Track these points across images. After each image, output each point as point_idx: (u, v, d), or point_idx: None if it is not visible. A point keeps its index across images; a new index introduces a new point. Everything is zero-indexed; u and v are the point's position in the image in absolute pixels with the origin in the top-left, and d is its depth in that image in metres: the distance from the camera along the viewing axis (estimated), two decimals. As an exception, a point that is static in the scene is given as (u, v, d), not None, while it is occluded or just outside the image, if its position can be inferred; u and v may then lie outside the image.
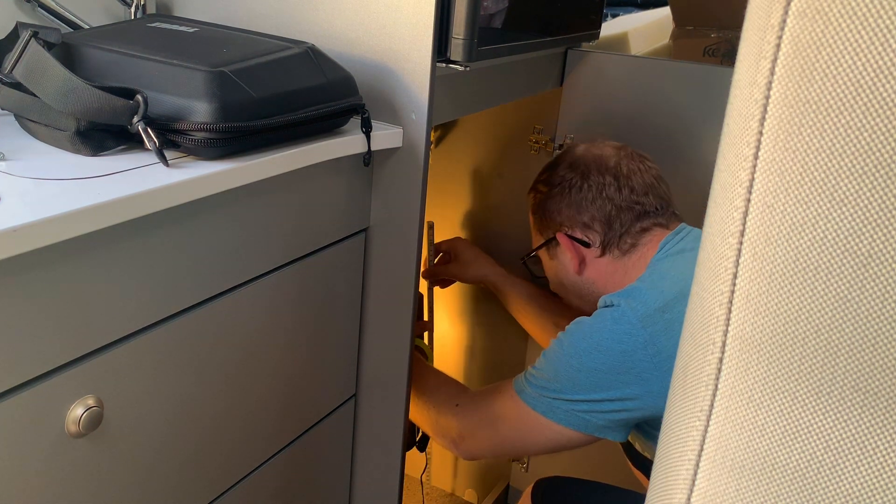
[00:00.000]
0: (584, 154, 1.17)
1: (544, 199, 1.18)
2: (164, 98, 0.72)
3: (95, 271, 0.66)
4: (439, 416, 1.15)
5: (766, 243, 0.38)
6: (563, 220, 1.16)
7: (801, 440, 0.40)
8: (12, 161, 0.69)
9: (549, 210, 1.17)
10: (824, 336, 0.38)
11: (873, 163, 0.35)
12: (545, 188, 1.18)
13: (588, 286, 1.17)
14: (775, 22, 0.36)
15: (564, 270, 1.18)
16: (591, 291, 1.17)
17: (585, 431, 1.00)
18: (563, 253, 1.17)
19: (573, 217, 1.15)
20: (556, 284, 1.23)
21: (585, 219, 1.14)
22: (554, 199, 1.16)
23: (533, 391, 1.03)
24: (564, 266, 1.18)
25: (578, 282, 1.17)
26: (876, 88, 0.34)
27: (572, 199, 1.15)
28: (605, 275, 1.15)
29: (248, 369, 0.87)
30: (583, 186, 1.14)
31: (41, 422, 0.64)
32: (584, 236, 1.14)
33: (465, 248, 1.46)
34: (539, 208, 1.19)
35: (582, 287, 1.18)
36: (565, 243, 1.15)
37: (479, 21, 0.92)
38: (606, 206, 1.13)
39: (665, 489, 0.46)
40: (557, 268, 1.20)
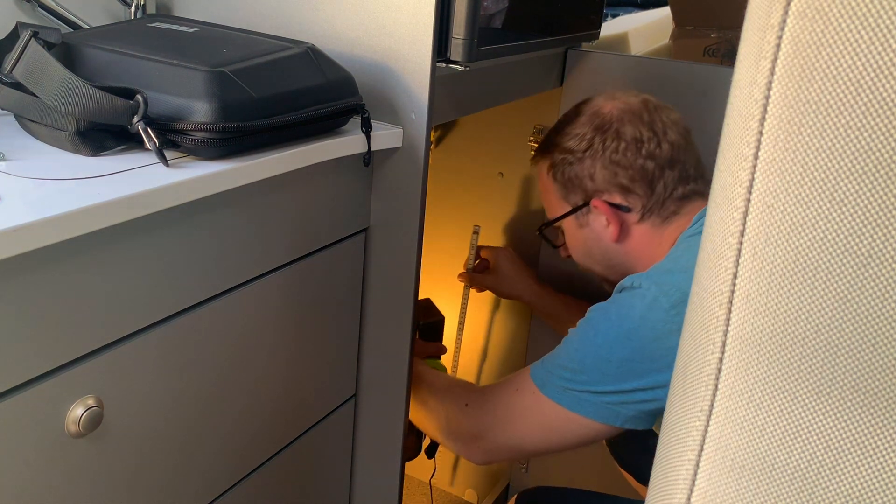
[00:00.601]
0: (610, 108, 1.05)
1: (571, 163, 1.06)
2: (164, 98, 0.72)
3: (95, 271, 0.66)
4: (448, 419, 1.07)
5: (766, 243, 0.38)
6: (598, 185, 1.04)
7: (801, 440, 0.40)
8: (12, 161, 0.69)
9: (579, 174, 1.05)
10: (824, 336, 0.38)
11: (873, 163, 0.35)
12: (569, 150, 1.06)
13: (620, 256, 1.07)
14: (775, 22, 0.36)
15: (596, 239, 1.08)
16: (621, 262, 1.08)
17: (614, 423, 0.94)
18: (597, 220, 1.06)
19: (610, 180, 1.03)
20: (582, 254, 1.13)
21: (625, 181, 1.02)
22: (584, 162, 1.04)
23: (557, 384, 0.96)
24: (597, 234, 1.07)
25: (612, 250, 1.07)
26: (876, 88, 0.34)
27: (608, 159, 1.02)
28: (641, 244, 1.05)
29: (248, 369, 0.87)
30: (619, 145, 1.02)
31: (41, 422, 0.64)
32: (625, 201, 1.04)
33: (506, 260, 1.42)
34: (564, 173, 1.07)
35: (614, 257, 1.08)
36: (604, 210, 1.04)
37: (479, 21, 0.92)
38: (648, 165, 1.02)
39: (665, 489, 0.46)
40: (587, 236, 1.09)
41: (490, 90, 1.17)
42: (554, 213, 1.12)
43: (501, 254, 1.43)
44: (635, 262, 1.05)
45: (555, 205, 1.11)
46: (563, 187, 1.08)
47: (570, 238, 1.12)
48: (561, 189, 1.08)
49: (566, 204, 1.09)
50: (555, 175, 1.09)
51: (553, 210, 1.12)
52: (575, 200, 1.07)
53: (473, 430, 1.04)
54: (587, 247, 1.10)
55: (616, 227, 1.04)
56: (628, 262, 1.06)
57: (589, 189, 1.05)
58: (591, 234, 1.08)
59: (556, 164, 1.08)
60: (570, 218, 1.09)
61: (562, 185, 1.08)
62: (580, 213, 1.07)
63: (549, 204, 1.13)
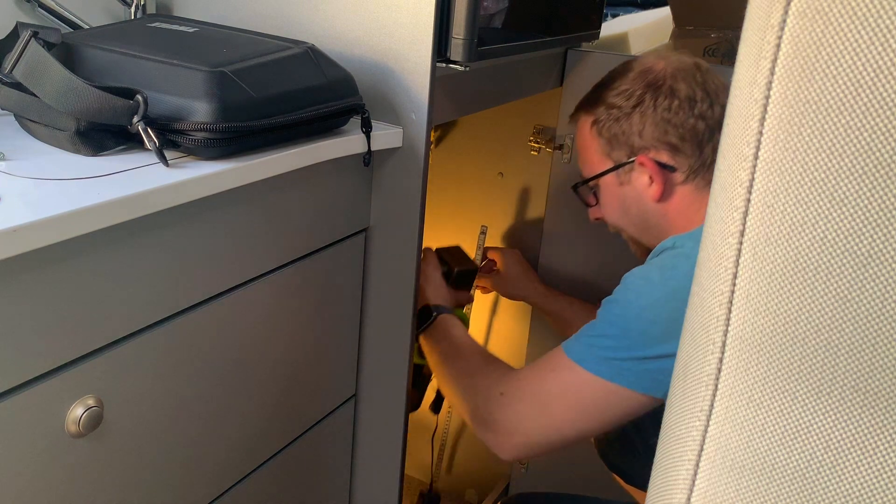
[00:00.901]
0: (663, 66, 1.03)
1: (618, 119, 1.03)
2: (164, 98, 0.72)
3: (95, 271, 0.65)
4: (482, 406, 1.02)
5: (766, 243, 0.38)
6: (645, 142, 1.01)
7: (801, 440, 0.40)
8: (12, 161, 0.69)
9: (627, 130, 1.02)
10: (824, 336, 0.38)
11: (873, 163, 0.35)
12: (617, 106, 1.03)
13: (658, 217, 1.05)
14: (775, 22, 0.36)
15: (636, 198, 1.05)
16: (658, 223, 1.05)
17: (655, 395, 0.92)
18: (639, 178, 1.03)
19: (659, 138, 1.00)
20: (618, 213, 1.09)
21: (674, 140, 1.00)
22: (632, 118, 1.01)
23: (598, 355, 0.93)
24: (637, 193, 1.04)
25: (650, 210, 1.05)
26: (876, 88, 0.34)
27: (659, 116, 1.00)
28: (681, 205, 1.02)
29: (248, 369, 0.87)
30: (672, 103, 1.00)
31: (41, 422, 0.64)
32: (671, 160, 1.01)
33: (514, 261, 1.41)
34: (610, 129, 1.04)
35: (651, 217, 1.05)
36: (650, 168, 1.01)
37: (478, 21, 0.92)
38: (700, 126, 0.99)
39: (665, 489, 0.46)
40: (626, 195, 1.06)
41: (490, 90, 1.17)
42: (593, 169, 1.08)
43: (509, 255, 1.43)
44: (671, 224, 1.03)
45: (595, 161, 1.08)
46: (607, 143, 1.05)
47: (606, 196, 1.09)
48: (605, 145, 1.05)
49: (608, 160, 1.06)
50: (599, 130, 1.05)
51: (592, 167, 1.09)
52: (618, 157, 1.05)
53: (509, 423, 0.99)
54: (625, 206, 1.07)
55: (660, 186, 1.01)
56: (665, 224, 1.04)
57: (636, 146, 1.02)
58: (631, 192, 1.05)
59: (602, 118, 1.05)
60: (610, 175, 1.06)
61: (606, 140, 1.05)
62: (622, 171, 1.05)
63: (587, 161, 1.10)
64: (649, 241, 1.05)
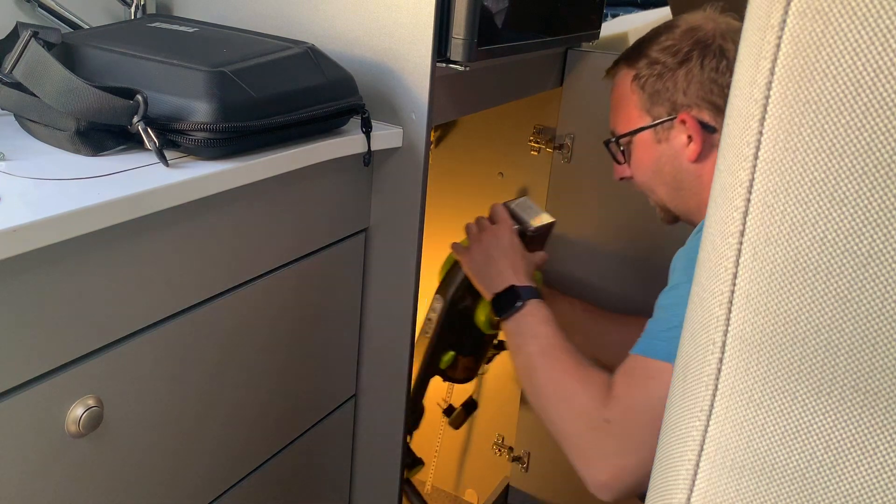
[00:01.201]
0: (713, 26, 1.01)
1: (662, 74, 1.01)
2: (164, 98, 0.72)
3: (95, 271, 0.65)
4: (584, 435, 0.92)
5: (766, 243, 0.38)
6: (689, 100, 1.00)
7: (801, 440, 0.40)
8: (12, 161, 0.69)
9: (671, 87, 1.01)
10: (824, 336, 0.38)
11: (873, 162, 0.35)
12: (662, 62, 1.02)
13: (692, 178, 1.02)
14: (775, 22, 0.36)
15: (672, 156, 1.03)
16: (690, 185, 1.03)
17: None
18: (678, 136, 1.01)
19: (704, 97, 0.99)
20: (650, 172, 1.06)
21: (718, 100, 0.98)
22: (677, 75, 1.00)
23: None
24: (674, 151, 1.02)
25: (685, 171, 1.02)
26: (876, 88, 0.34)
27: (705, 76, 0.99)
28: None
29: (247, 369, 0.87)
30: (720, 64, 0.98)
31: (41, 422, 0.64)
32: (713, 120, 0.99)
33: None
34: (654, 84, 1.02)
35: (685, 178, 1.03)
36: (691, 126, 0.99)
37: (478, 21, 0.92)
38: None
39: (665, 489, 0.46)
40: (662, 153, 1.03)
41: (490, 90, 1.17)
42: (629, 125, 1.06)
43: None
44: (704, 186, 1.01)
45: (632, 117, 1.06)
46: (648, 98, 1.03)
47: (640, 153, 1.06)
48: (645, 100, 1.04)
49: (647, 116, 1.04)
50: (642, 84, 1.04)
51: (628, 122, 1.07)
52: (658, 113, 1.03)
53: (624, 454, 0.88)
54: (658, 165, 1.05)
55: (698, 146, 0.99)
56: (697, 186, 1.02)
57: (678, 103, 1.01)
58: (667, 150, 1.03)
59: (645, 73, 1.03)
60: (648, 132, 1.04)
61: (648, 95, 1.03)
62: (661, 128, 1.03)
63: (623, 116, 1.07)
64: (678, 204, 1.03)
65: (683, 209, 1.04)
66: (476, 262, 1.14)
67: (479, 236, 1.15)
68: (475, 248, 1.15)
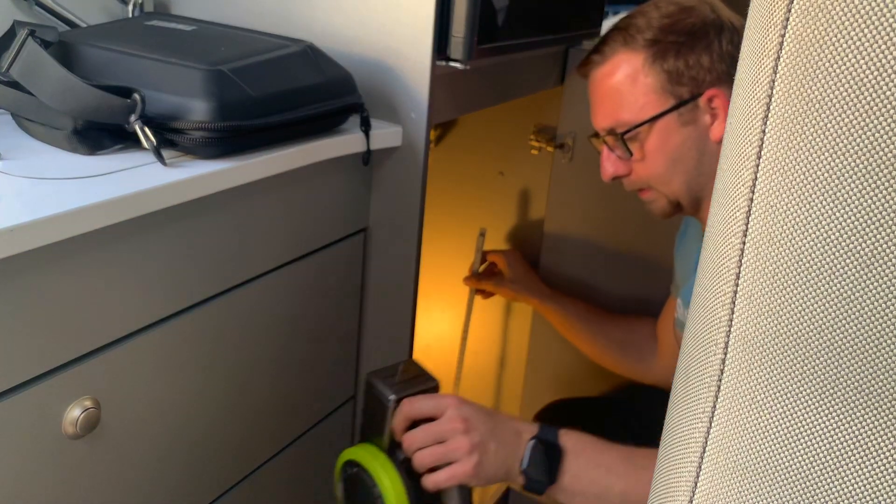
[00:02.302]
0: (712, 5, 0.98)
1: (679, 51, 0.95)
2: (162, 97, 0.72)
3: (92, 271, 0.65)
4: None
5: (769, 243, 0.38)
6: (714, 76, 0.95)
7: (805, 442, 0.40)
8: (9, 160, 0.68)
9: (695, 64, 0.95)
10: (828, 337, 0.38)
11: (877, 161, 0.34)
12: (677, 40, 0.96)
13: (714, 160, 0.96)
14: (778, 20, 0.36)
15: (697, 139, 0.97)
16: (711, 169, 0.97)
17: None
18: (703, 117, 0.96)
19: (726, 71, 0.95)
20: (671, 161, 0.99)
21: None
22: (698, 51, 0.95)
23: None
24: (699, 133, 0.96)
25: (709, 154, 0.97)
26: (879, 86, 0.34)
27: (724, 50, 0.95)
28: None
29: (247, 370, 0.87)
30: (733, 37, 0.95)
31: (38, 423, 0.64)
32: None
33: (513, 262, 1.39)
34: (674, 63, 0.96)
35: (707, 162, 0.97)
36: (721, 103, 0.94)
37: (479, 19, 0.92)
38: None
39: (667, 492, 0.45)
40: (687, 136, 0.97)
41: (490, 89, 1.17)
42: (643, 112, 0.97)
43: (510, 256, 1.42)
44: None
45: (647, 102, 0.97)
46: (668, 79, 0.96)
47: (661, 140, 0.98)
48: (665, 81, 0.96)
49: (669, 98, 0.96)
50: (661, 64, 0.96)
51: (640, 109, 0.98)
52: (682, 93, 0.96)
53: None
54: (681, 151, 0.97)
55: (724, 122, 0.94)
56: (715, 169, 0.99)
57: (703, 80, 0.95)
58: (693, 133, 0.96)
59: (661, 53, 0.96)
60: (671, 115, 0.96)
61: (668, 75, 0.96)
62: (685, 109, 0.96)
63: (630, 104, 0.98)
64: (696, 192, 0.99)
65: (699, 195, 0.99)
66: (475, 468, 0.81)
67: (447, 446, 0.82)
68: (448, 453, 0.82)
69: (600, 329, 1.33)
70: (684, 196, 1.00)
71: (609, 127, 1.01)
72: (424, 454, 0.82)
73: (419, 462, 0.82)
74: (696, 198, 1.01)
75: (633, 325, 1.33)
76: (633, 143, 0.99)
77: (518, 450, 0.82)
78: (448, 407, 0.83)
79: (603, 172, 1.04)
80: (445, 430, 0.82)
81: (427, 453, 0.82)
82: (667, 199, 1.02)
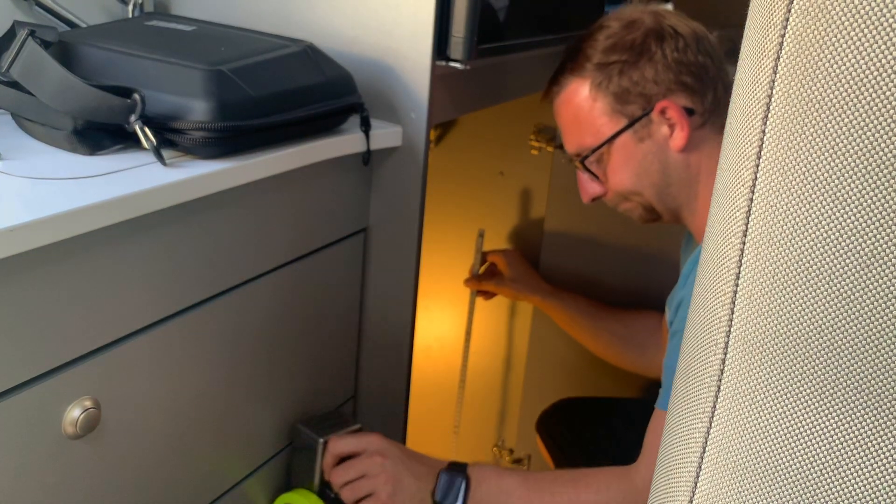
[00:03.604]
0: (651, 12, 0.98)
1: (624, 70, 0.96)
2: (162, 97, 0.72)
3: (92, 271, 0.65)
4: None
5: (768, 243, 0.38)
6: (662, 88, 0.95)
7: (804, 442, 0.40)
8: (9, 160, 0.68)
9: (640, 79, 0.95)
10: (827, 337, 0.38)
11: (876, 161, 0.35)
12: (620, 59, 0.96)
13: (682, 171, 0.98)
14: (778, 20, 0.36)
15: (657, 153, 0.97)
16: (680, 178, 0.98)
17: None
18: (659, 130, 0.96)
19: (675, 79, 0.95)
20: (634, 177, 1.00)
21: (689, 80, 0.95)
22: (642, 66, 0.95)
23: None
24: (658, 147, 0.97)
25: (673, 164, 0.97)
26: (879, 86, 0.34)
27: (670, 58, 0.95)
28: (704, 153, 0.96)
29: (246, 370, 0.86)
30: (678, 43, 0.95)
31: (38, 423, 0.63)
32: (689, 102, 0.95)
33: (513, 261, 1.40)
34: (619, 82, 0.96)
35: (673, 173, 0.98)
36: (675, 113, 0.94)
37: (478, 19, 0.92)
38: (707, 63, 0.95)
39: (667, 491, 0.45)
40: (646, 152, 0.98)
41: (490, 89, 1.17)
42: (600, 134, 0.99)
43: (510, 255, 1.42)
44: (694, 175, 0.98)
45: (601, 124, 0.99)
46: (616, 99, 0.97)
47: (621, 159, 0.99)
48: (614, 102, 0.97)
49: (620, 118, 0.98)
50: (607, 86, 0.97)
51: (597, 132, 0.99)
52: (633, 111, 0.97)
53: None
54: (643, 165, 0.98)
55: (685, 131, 0.95)
56: (686, 176, 0.98)
57: (652, 94, 0.96)
58: (651, 147, 0.97)
59: (603, 75, 0.97)
60: (627, 133, 0.97)
61: (616, 96, 0.97)
62: (639, 126, 0.97)
63: (588, 129, 1.00)
64: (668, 202, 1.00)
65: (673, 205, 1.00)
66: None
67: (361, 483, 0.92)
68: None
69: (603, 324, 1.34)
70: (659, 206, 1.02)
71: (575, 152, 1.04)
72: (349, 489, 0.92)
73: (346, 497, 0.92)
74: (671, 208, 1.01)
75: (636, 319, 1.33)
76: (598, 166, 1.01)
77: (430, 483, 0.93)
78: (370, 444, 0.93)
79: (583, 195, 1.07)
80: (367, 465, 0.92)
81: (350, 488, 0.92)
82: (642, 207, 1.04)
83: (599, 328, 1.34)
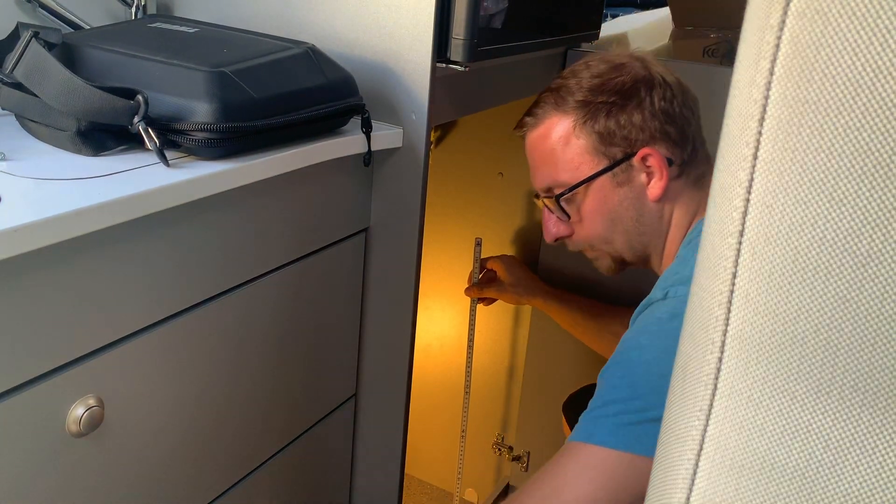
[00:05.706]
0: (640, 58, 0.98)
1: (611, 111, 0.94)
2: (165, 98, 0.73)
3: (96, 271, 0.66)
4: None
5: (765, 243, 0.38)
6: (647, 135, 0.94)
7: (801, 440, 0.40)
8: (13, 161, 0.69)
9: (626, 123, 0.94)
10: (824, 335, 0.38)
11: (872, 163, 0.35)
12: (607, 100, 0.94)
13: (655, 220, 0.96)
14: (775, 22, 0.36)
15: (634, 200, 0.96)
16: (652, 228, 0.97)
17: None
18: (638, 176, 0.95)
19: (660, 128, 0.94)
20: (605, 223, 0.98)
21: (672, 130, 0.94)
22: (629, 110, 0.94)
23: (607, 426, 0.81)
24: (636, 194, 0.96)
25: (647, 213, 0.96)
26: (875, 88, 0.34)
27: (656, 107, 0.94)
28: (679, 204, 0.96)
29: (248, 369, 0.87)
30: (665, 93, 0.94)
31: (42, 422, 0.64)
32: (670, 153, 0.94)
33: (511, 266, 1.40)
34: (605, 123, 0.94)
35: (647, 222, 0.97)
36: (656, 162, 0.93)
37: (478, 21, 0.92)
38: (687, 115, 0.96)
39: (664, 489, 0.46)
40: (623, 197, 0.96)
41: (490, 90, 1.17)
42: (577, 173, 0.97)
43: (508, 261, 1.42)
44: (666, 226, 0.96)
45: (582, 163, 0.96)
46: (600, 139, 0.95)
47: (596, 202, 0.97)
48: (597, 142, 0.95)
49: (602, 159, 0.95)
50: (592, 125, 0.95)
51: (575, 171, 0.97)
52: (615, 153, 0.95)
53: None
54: (617, 212, 0.97)
55: (663, 181, 0.94)
56: (659, 226, 0.97)
57: (635, 139, 0.94)
58: (629, 193, 0.96)
59: (592, 114, 0.95)
60: (605, 176, 0.95)
61: (600, 136, 0.95)
62: (619, 170, 0.95)
63: (565, 166, 0.98)
64: (639, 250, 0.99)
65: (643, 254, 0.98)
66: None
67: None
68: None
69: (605, 323, 1.34)
70: (628, 254, 1.00)
71: (545, 189, 1.01)
72: None
73: None
74: (641, 255, 1.00)
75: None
76: (571, 206, 0.99)
77: None
78: None
79: (546, 234, 1.04)
80: None
81: None
82: (610, 257, 1.02)
83: (602, 328, 1.34)
